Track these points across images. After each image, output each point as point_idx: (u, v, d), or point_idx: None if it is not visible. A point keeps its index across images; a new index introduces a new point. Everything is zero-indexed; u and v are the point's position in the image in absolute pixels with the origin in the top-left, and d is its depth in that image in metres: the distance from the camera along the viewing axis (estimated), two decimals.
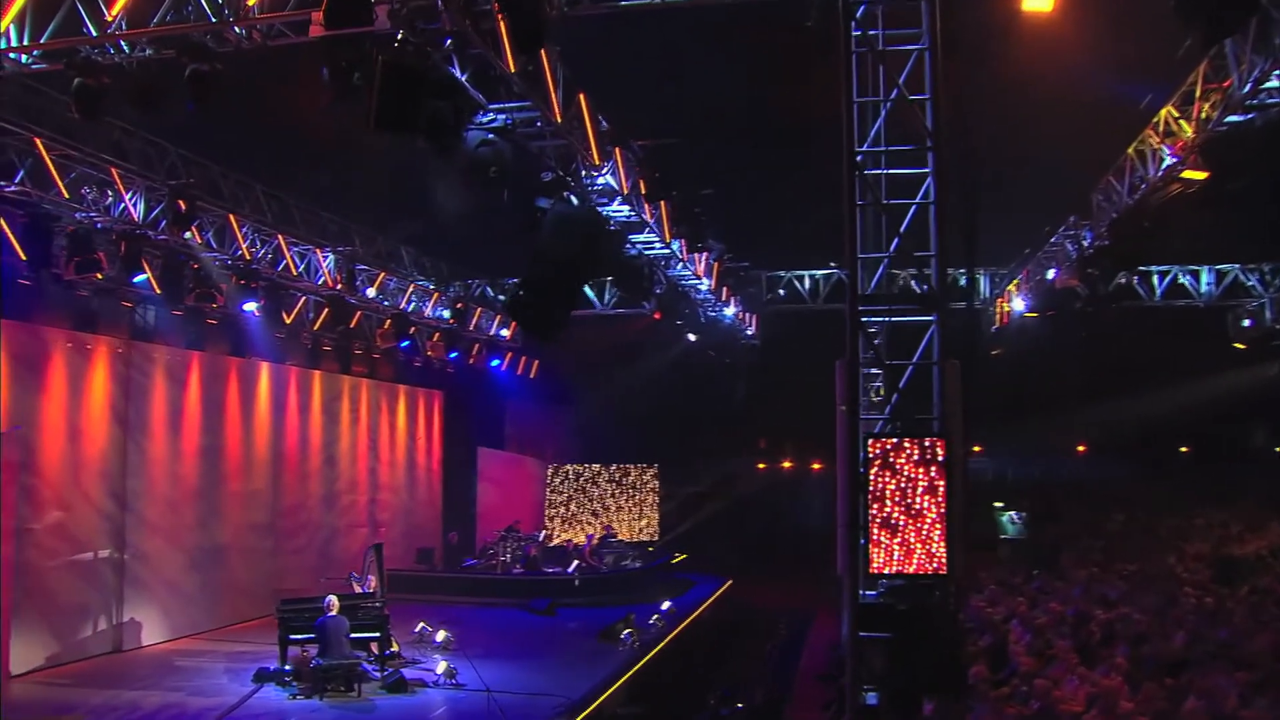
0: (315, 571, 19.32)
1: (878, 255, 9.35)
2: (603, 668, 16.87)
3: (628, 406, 30.04)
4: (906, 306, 9.26)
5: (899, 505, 8.75)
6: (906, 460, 8.77)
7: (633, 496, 30.83)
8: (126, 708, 13.81)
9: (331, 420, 22.99)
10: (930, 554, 8.65)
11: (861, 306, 9.13)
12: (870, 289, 9.40)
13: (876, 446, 8.86)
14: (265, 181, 18.76)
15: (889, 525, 8.75)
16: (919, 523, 8.68)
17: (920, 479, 8.71)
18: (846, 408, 8.94)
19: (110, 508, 16.82)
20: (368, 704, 14.48)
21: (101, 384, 16.79)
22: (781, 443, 36.37)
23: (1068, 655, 13.04)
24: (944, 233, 9.10)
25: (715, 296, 22.75)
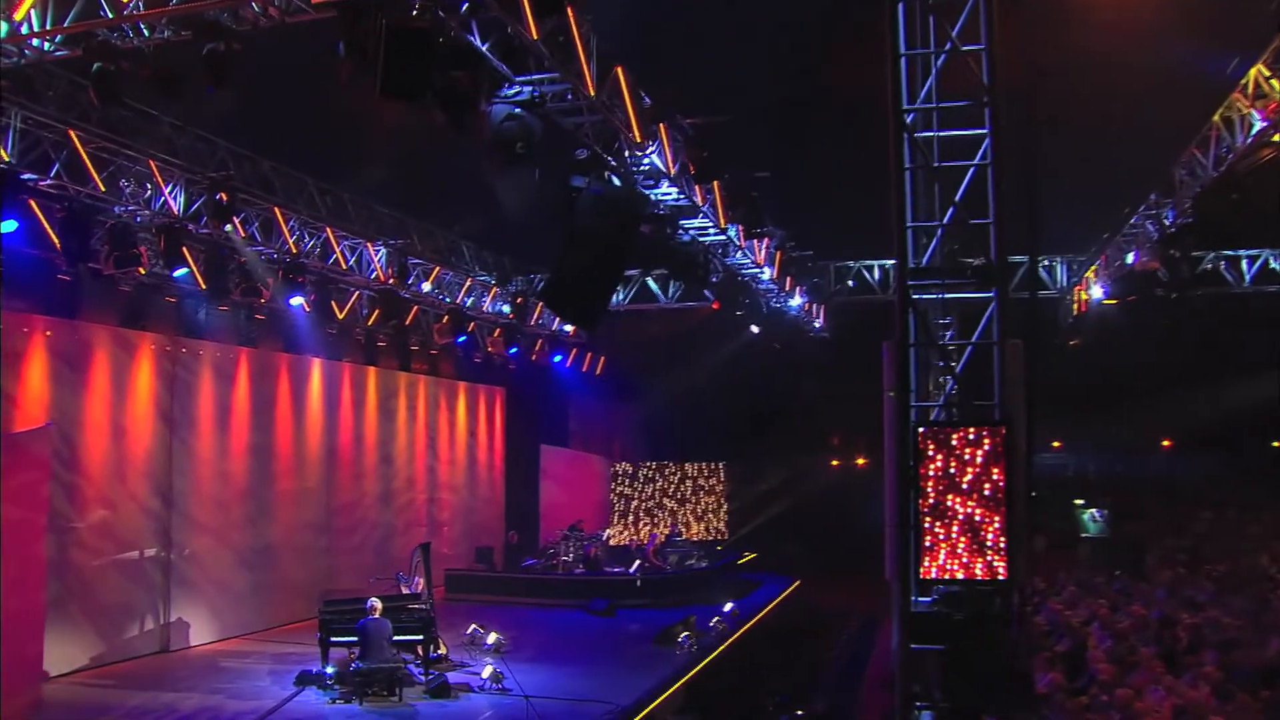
0: (371, 571, 18.71)
1: (930, 224, 8.35)
2: (657, 672, 16.04)
3: (694, 403, 29.16)
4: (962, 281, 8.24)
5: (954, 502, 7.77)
6: (963, 452, 7.78)
7: (700, 494, 29.99)
8: (162, 710, 13.35)
9: (387, 418, 22.49)
10: (989, 557, 7.65)
11: (912, 281, 8.15)
12: (923, 262, 8.40)
13: (929, 437, 7.90)
14: (320, 176, 18.35)
15: (943, 525, 7.77)
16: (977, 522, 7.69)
17: (978, 473, 7.72)
18: (895, 393, 7.98)
19: (156, 506, 16.45)
20: (408, 709, 13.84)
21: (146, 381, 16.42)
22: (855, 439, 35.08)
23: (1152, 663, 11.92)
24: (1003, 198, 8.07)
25: (778, 286, 21.77)
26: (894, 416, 8.01)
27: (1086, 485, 30.68)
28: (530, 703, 13.59)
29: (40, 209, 14.11)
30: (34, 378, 14.54)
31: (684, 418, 30.02)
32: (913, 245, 8.31)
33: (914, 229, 8.29)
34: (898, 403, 7.97)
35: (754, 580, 25.81)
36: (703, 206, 16.31)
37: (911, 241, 8.27)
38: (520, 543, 24.43)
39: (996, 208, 8.09)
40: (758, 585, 25.23)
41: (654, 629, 19.01)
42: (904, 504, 7.95)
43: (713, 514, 30.03)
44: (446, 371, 25.25)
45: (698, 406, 29.20)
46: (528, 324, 25.12)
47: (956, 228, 8.18)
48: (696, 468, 30.04)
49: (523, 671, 15.66)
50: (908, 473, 7.95)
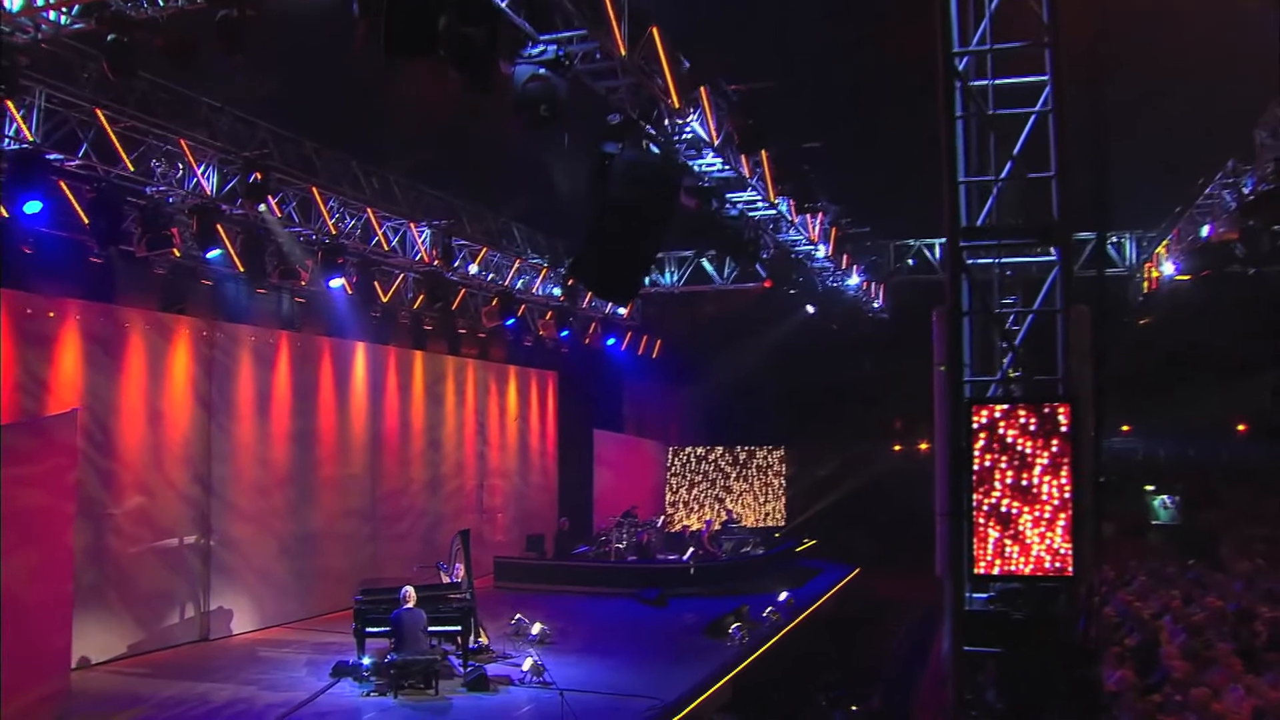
0: (417, 559, 18.19)
1: (984, 179, 7.46)
2: (705, 665, 15.31)
3: (753, 386, 28.31)
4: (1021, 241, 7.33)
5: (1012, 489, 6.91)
6: (1022, 432, 6.92)
7: (758, 480, 29.12)
8: (194, 701, 12.94)
9: (435, 402, 21.99)
10: (1052, 550, 6.79)
11: (964, 242, 7.28)
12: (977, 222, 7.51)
13: (984, 415, 7.04)
14: (366, 158, 17.87)
15: (1000, 514, 6.92)
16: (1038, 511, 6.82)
17: (1039, 455, 6.85)
18: (946, 368, 7.13)
19: (195, 493, 16.08)
20: (443, 703, 13.28)
21: (183, 365, 16.04)
22: (917, 423, 33.87)
23: (1229, 660, 10.94)
24: (1066, 148, 7.16)
25: (834, 264, 20.83)
26: (945, 393, 7.17)
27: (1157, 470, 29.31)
28: (565, 698, 12.93)
29: (70, 190, 13.73)
30: (66, 362, 14.20)
31: (742, 401, 29.17)
32: (965, 203, 7.42)
33: (967, 185, 7.40)
34: (949, 378, 7.12)
35: (812, 568, 24.92)
36: (750, 179, 15.46)
37: (964, 199, 7.38)
38: (572, 530, 23.79)
39: (1059, 160, 7.18)
40: (816, 573, 24.34)
41: (706, 619, 18.28)
42: (957, 491, 7.11)
43: (771, 500, 29.13)
44: (497, 355, 24.72)
45: (756, 389, 28.34)
46: (580, 306, 24.49)
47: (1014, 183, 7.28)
48: (754, 452, 29.14)
49: (566, 664, 15.14)
50: (961, 456, 7.11)
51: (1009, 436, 6.87)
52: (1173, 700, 10.08)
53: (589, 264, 10.87)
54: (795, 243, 19.14)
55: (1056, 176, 7.17)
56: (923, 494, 25.91)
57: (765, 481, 29.16)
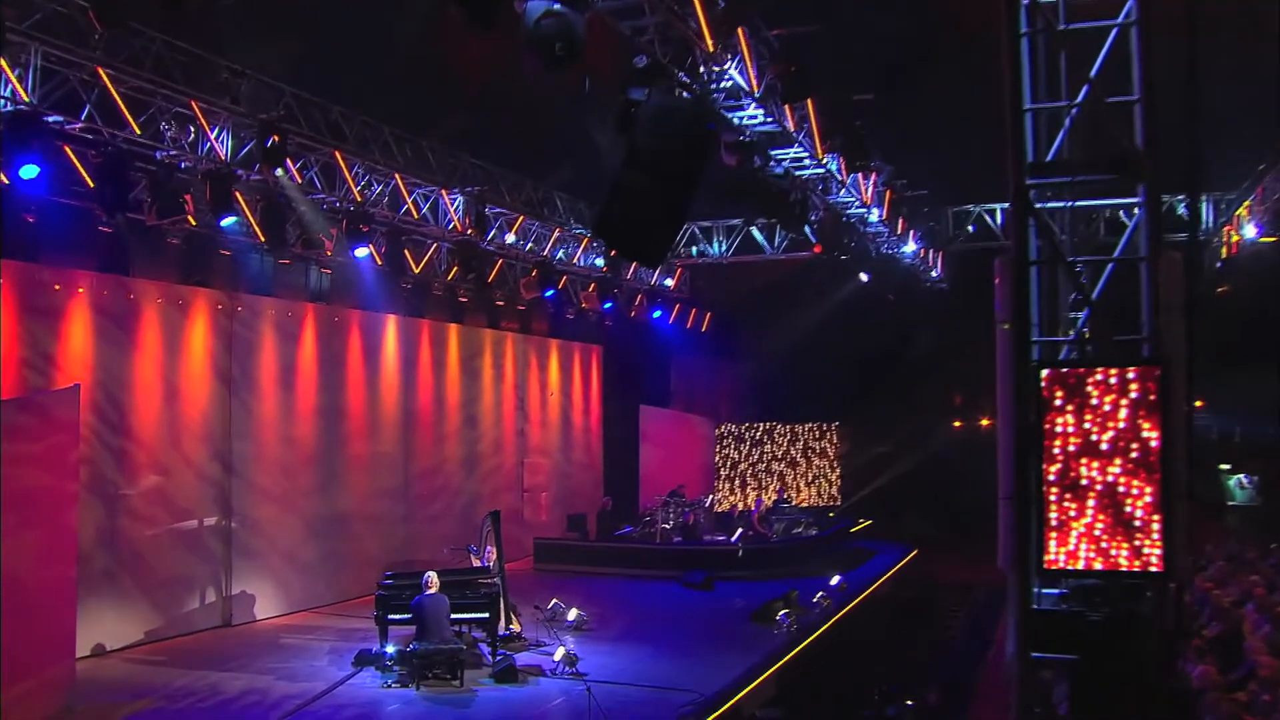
0: (454, 541, 17.35)
1: (1055, 105, 6.37)
2: (749, 655, 14.36)
3: (806, 360, 27.26)
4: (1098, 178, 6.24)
5: (1090, 468, 5.87)
6: (1101, 401, 5.87)
7: (811, 458, 28.19)
8: (205, 692, 12.29)
9: (471, 377, 21.22)
10: (1137, 540, 5.73)
11: (1031, 180, 6.20)
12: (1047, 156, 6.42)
13: (1057, 382, 5.99)
14: (399, 124, 17.11)
15: (1075, 497, 5.88)
16: (1120, 494, 5.77)
17: (1122, 428, 5.80)
18: (1010, 325, 6.09)
19: (215, 472, 15.45)
20: (468, 695, 12.50)
21: (201, 339, 15.38)
22: (979, 399, 32.53)
23: None
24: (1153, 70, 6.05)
25: (889, 229, 19.68)
26: (1010, 357, 6.13)
27: (1234, 449, 27.73)
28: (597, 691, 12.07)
29: (75, 155, 13.05)
30: (76, 337, 13.57)
31: (794, 376, 28.20)
32: (1033, 135, 6.34)
33: (1034, 112, 6.32)
34: (1014, 338, 6.08)
35: (867, 550, 23.81)
36: (796, 134, 14.39)
37: (1031, 130, 6.30)
38: (615, 509, 22.93)
39: (1144, 81, 6.08)
40: (871, 555, 23.24)
41: (753, 604, 17.30)
42: (1023, 470, 6.09)
43: (825, 478, 28.18)
44: (538, 329, 23.97)
45: (809, 364, 27.30)
46: (624, 278, 23.64)
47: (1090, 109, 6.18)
48: (807, 429, 28.27)
49: (602, 652, 14.38)
50: (1028, 430, 6.08)
51: (1086, 405, 5.82)
52: (1259, 700, 8.98)
53: (613, 221, 9.92)
54: (846, 205, 18.04)
55: (1141, 101, 6.07)
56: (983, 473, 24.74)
57: (819, 459, 28.27)
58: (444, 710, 11.98)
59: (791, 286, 25.35)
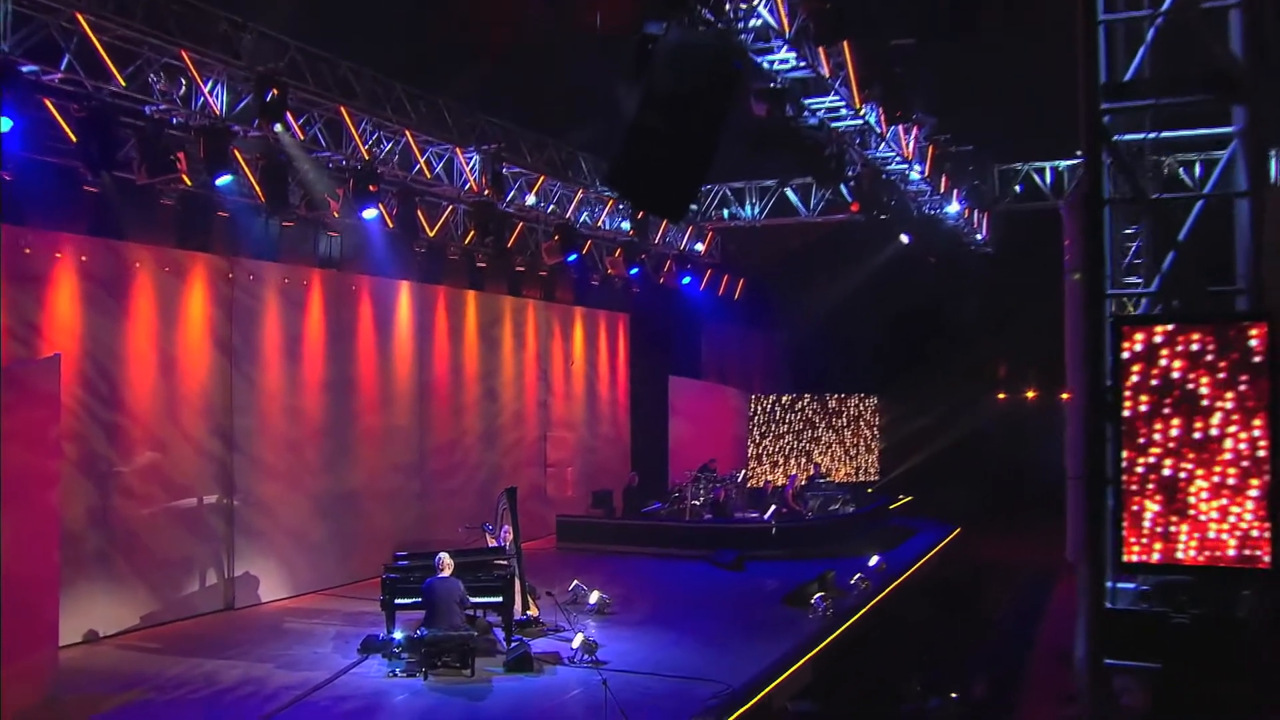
0: (474, 519, 16.48)
1: (1136, 14, 5.42)
2: (782, 641, 13.59)
3: (843, 329, 26.37)
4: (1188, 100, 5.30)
5: (1180, 444, 4.98)
6: (1193, 364, 4.98)
7: (848, 431, 27.36)
8: (198, 682, 11.65)
9: (490, 347, 20.45)
10: (1238, 529, 4.85)
11: (1107, 104, 5.28)
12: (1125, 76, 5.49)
13: (1137, 341, 5.10)
14: (412, 80, 16.35)
15: (1161, 479, 5.00)
16: (1217, 475, 4.89)
17: (1220, 397, 4.91)
18: (1081, 275, 5.20)
19: (215, 447, 14.80)
20: (479, 685, 11.78)
21: (199, 307, 14.68)
22: (1024, 369, 31.48)
23: None
24: None
25: (931, 187, 18.66)
26: (1080, 313, 5.24)
27: None
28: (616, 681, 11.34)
29: (57, 110, 12.34)
30: (62, 304, 12.89)
31: (831, 345, 27.36)
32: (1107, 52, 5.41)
33: (1110, 26, 5.38)
34: (1086, 289, 5.19)
35: (907, 528, 22.94)
36: (831, 81, 13.43)
37: (1105, 45, 5.38)
38: (642, 485, 22.11)
39: None
40: (911, 534, 22.38)
41: (786, 586, 16.59)
42: (1097, 445, 5.21)
43: (863, 453, 27.31)
44: (561, 296, 23.17)
45: (846, 332, 26.44)
46: (651, 242, 22.75)
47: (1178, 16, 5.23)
48: (844, 400, 27.36)
49: (624, 639, 13.67)
50: (1103, 398, 5.20)
51: (1174, 370, 4.94)
52: None
53: (628, 170, 9.08)
54: (886, 161, 17.06)
55: (1242, 5, 5.13)
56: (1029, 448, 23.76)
57: (856, 432, 27.54)
58: (451, 703, 11.27)
59: (828, 251, 24.48)
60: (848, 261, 24.68)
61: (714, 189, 23.48)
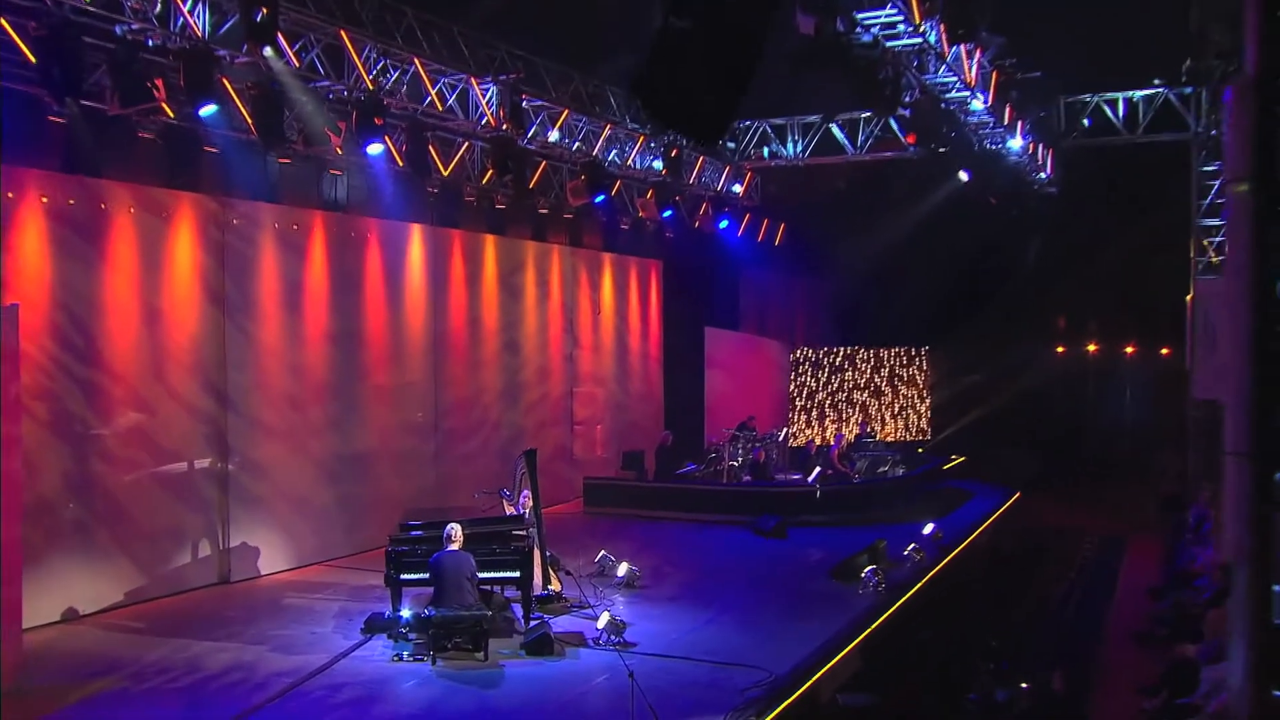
0: (493, 482, 15.29)
1: None
2: (830, 621, 12.53)
3: (892, 277, 25.17)
4: None
5: None
6: None
7: (898, 386, 26.08)
8: (182, 668, 10.71)
9: (512, 296, 19.33)
10: None
11: None
12: None
13: None
14: (426, 7, 15.22)
15: None
16: None
17: None
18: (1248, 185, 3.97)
19: (208, 406, 13.81)
20: (492, 670, 10.80)
21: (187, 253, 13.62)
22: (1084, 321, 30.06)
23: None
24: None
25: (994, 118, 17.25)
26: (1247, 234, 4.02)
27: None
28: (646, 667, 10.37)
29: (12, 29, 11.23)
30: (28, 249, 11.82)
31: (880, 294, 26.16)
32: None
33: None
34: (1256, 205, 3.97)
35: (962, 491, 21.76)
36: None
37: None
38: (676, 445, 21.03)
39: None
40: (967, 498, 21.20)
41: (834, 556, 15.52)
42: (1261, 414, 4.02)
43: (913, 410, 26.06)
44: (588, 241, 21.95)
45: (896, 281, 25.25)
46: (686, 182, 21.49)
47: None
48: (894, 354, 26.03)
49: (655, 617, 12.69)
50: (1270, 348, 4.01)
51: None
52: None
53: (656, 82, 7.84)
54: (946, 88, 15.66)
55: None
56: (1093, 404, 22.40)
57: (906, 388, 26.13)
58: (460, 692, 10.27)
59: (876, 192, 23.19)
60: (897, 204, 23.40)
61: (753, 125, 22.24)
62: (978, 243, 24.44)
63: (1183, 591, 13.83)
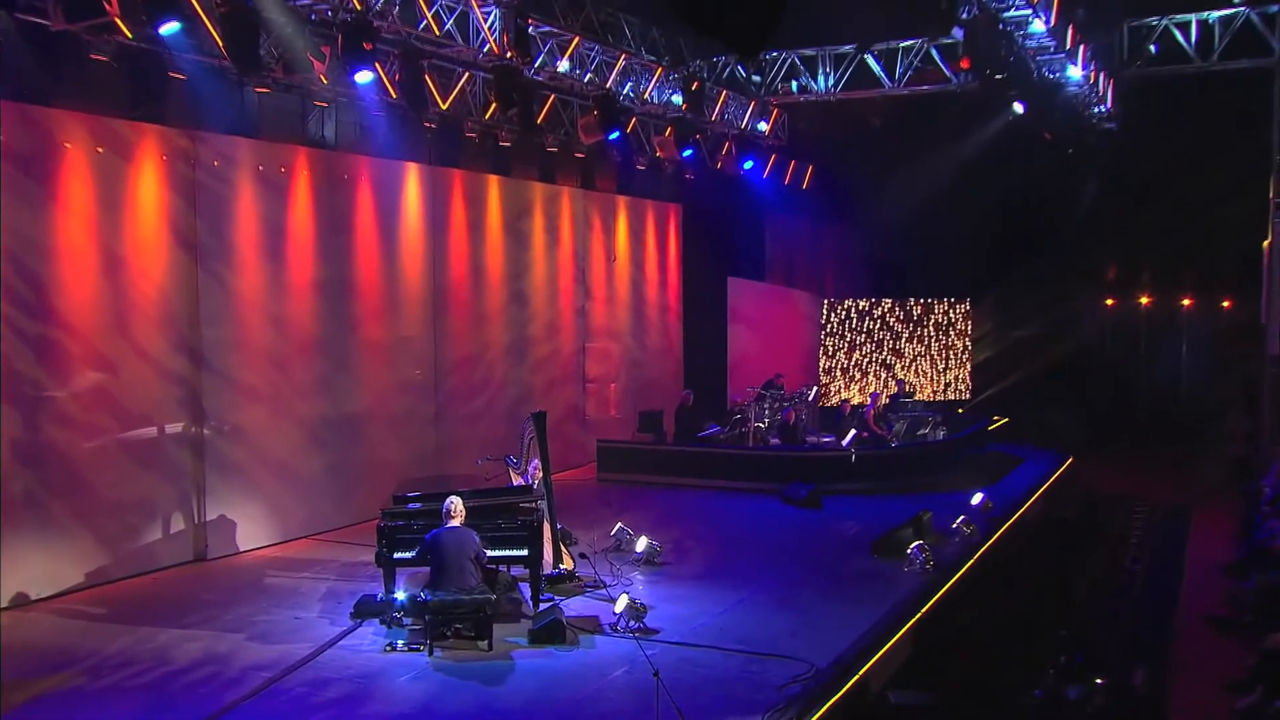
0: (498, 447, 14.46)
1: None
2: (874, 604, 11.57)
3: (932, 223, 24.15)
4: None
5: None
6: None
7: (936, 341, 25.28)
8: (147, 660, 9.81)
9: (518, 243, 18.37)
10: None
11: None
12: None
13: None
14: None
15: None
16: None
17: None
18: None
19: (180, 366, 12.83)
20: (497, 662, 9.89)
21: (153, 193, 12.56)
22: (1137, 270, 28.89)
23: None
24: None
25: (1055, 41, 16.07)
26: None
27: None
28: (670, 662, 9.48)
29: None
30: None
31: (918, 242, 25.06)
32: None
33: None
34: None
35: (1009, 456, 20.78)
36: None
37: None
38: (698, 405, 20.24)
39: None
40: (1016, 464, 20.22)
41: (873, 529, 14.59)
42: None
43: (953, 367, 25.26)
44: (602, 184, 21.01)
45: (936, 227, 24.12)
46: (707, 119, 20.44)
47: None
48: (932, 306, 25.19)
49: (678, 598, 11.80)
50: None
51: None
52: None
53: None
54: (1005, 5, 14.49)
55: None
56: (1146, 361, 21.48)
57: (946, 343, 25.34)
58: (460, 688, 9.34)
59: (915, 130, 22.08)
60: (938, 143, 22.43)
61: (781, 56, 21.09)
62: (1024, 186, 23.52)
63: (1269, 572, 12.83)
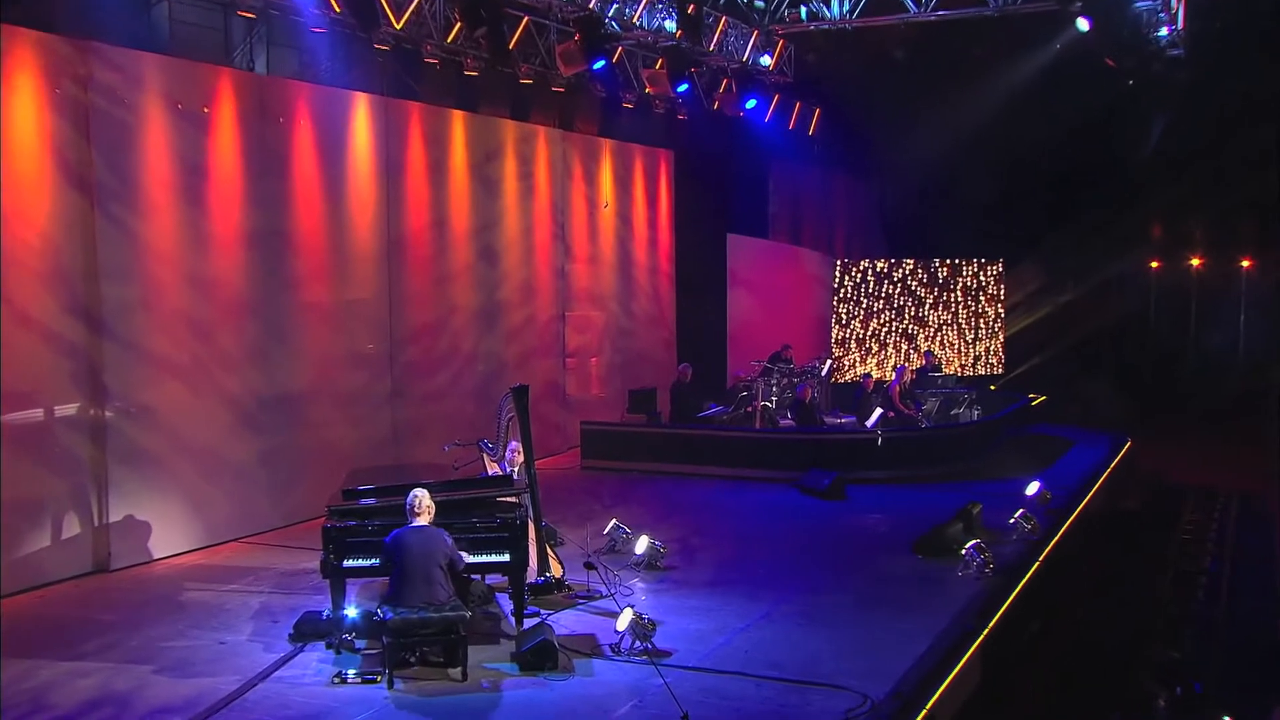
0: (465, 431, 13.70)
1: None
2: (927, 617, 10.47)
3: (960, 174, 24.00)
4: None
5: None
6: None
7: (965, 308, 24.73)
8: (24, 705, 8.47)
9: (487, 191, 17.47)
10: None
11: None
12: None
13: None
14: None
15: None
16: None
17: None
18: None
19: (72, 332, 11.53)
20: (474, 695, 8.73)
21: (30, 116, 11.08)
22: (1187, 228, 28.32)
23: None
24: None
25: None
26: None
27: None
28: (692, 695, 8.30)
29: None
30: None
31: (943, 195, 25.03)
32: None
33: None
34: None
35: (1058, 438, 20.14)
36: None
37: None
38: (696, 381, 19.85)
39: None
40: (1066, 447, 19.56)
41: (909, 524, 13.70)
42: None
43: (984, 337, 24.68)
44: (583, 125, 20.34)
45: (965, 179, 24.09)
46: (704, 50, 19.65)
47: None
48: (959, 267, 24.60)
49: (691, 611, 10.83)
50: None
51: None
52: None
53: None
54: None
55: None
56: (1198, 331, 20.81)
57: (975, 310, 24.74)
58: None
59: (942, 65, 21.58)
60: (970, 79, 21.98)
61: None
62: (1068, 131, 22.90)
63: None
